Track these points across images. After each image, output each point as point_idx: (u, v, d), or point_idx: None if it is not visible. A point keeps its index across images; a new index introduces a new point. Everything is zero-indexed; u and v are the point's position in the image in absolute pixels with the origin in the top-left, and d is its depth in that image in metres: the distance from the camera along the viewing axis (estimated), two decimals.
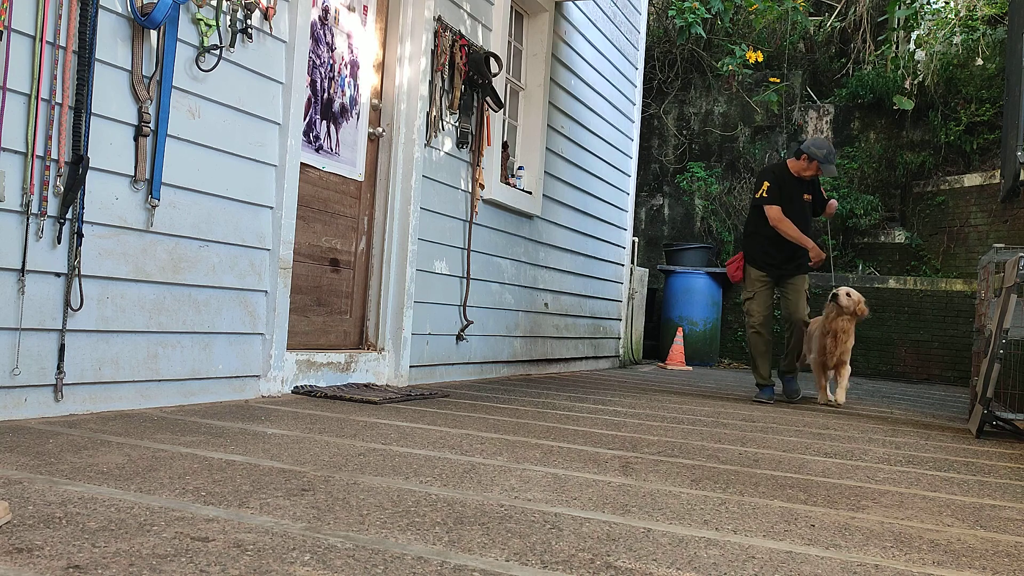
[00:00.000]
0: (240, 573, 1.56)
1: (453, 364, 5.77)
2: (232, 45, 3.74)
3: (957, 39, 10.91)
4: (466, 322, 5.76)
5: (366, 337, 5.06)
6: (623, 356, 9.21)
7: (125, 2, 3.27)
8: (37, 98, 2.94)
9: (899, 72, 11.13)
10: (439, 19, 5.22)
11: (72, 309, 3.13)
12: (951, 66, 10.90)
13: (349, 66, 4.81)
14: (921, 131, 11.14)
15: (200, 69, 3.61)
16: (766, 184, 5.94)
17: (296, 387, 4.30)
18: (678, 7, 11.44)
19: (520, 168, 6.60)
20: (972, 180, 10.26)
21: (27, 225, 2.96)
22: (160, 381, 3.55)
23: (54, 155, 3.02)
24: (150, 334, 3.48)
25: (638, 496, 2.49)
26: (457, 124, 5.53)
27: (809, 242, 5.89)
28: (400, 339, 5.05)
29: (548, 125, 6.94)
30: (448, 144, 5.45)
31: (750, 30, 12.20)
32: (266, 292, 4.05)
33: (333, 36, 4.66)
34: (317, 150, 4.57)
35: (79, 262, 3.13)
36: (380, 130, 5.06)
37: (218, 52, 3.65)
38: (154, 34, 3.38)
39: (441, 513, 2.11)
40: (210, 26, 3.61)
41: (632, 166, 9.22)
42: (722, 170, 11.73)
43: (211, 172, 3.70)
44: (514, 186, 6.42)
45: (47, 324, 3.06)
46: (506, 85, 6.34)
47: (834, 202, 6.25)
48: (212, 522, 1.88)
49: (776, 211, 5.88)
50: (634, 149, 9.25)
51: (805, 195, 6.02)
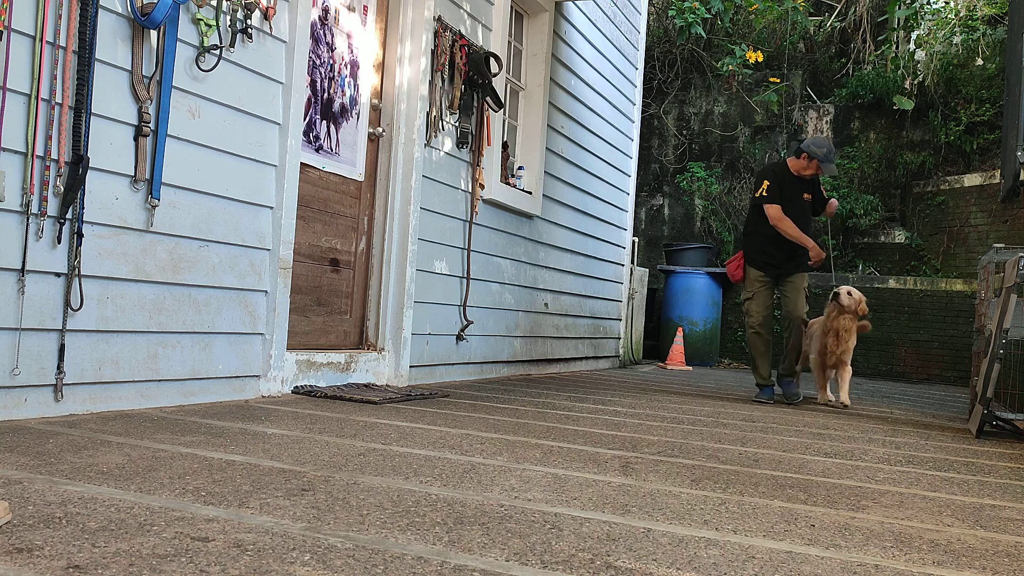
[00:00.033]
0: (240, 573, 1.56)
1: (453, 364, 5.77)
2: (232, 45, 3.74)
3: (957, 39, 10.91)
4: (466, 322, 5.76)
5: (366, 337, 5.07)
6: (623, 356, 9.21)
7: (125, 2, 3.27)
8: (37, 98, 2.94)
9: (899, 72, 11.13)
10: (439, 19, 5.22)
11: (72, 309, 3.13)
12: (951, 66, 10.90)
13: (349, 66, 4.81)
14: (921, 131, 11.14)
15: (200, 69, 3.61)
16: (766, 183, 5.91)
17: (296, 387, 4.30)
18: (678, 7, 11.44)
19: (520, 168, 6.60)
20: (972, 180, 10.27)
21: (27, 225, 2.96)
22: (160, 381, 3.55)
23: (54, 155, 3.02)
24: (150, 334, 3.48)
25: (638, 496, 2.49)
26: (457, 124, 5.53)
27: (809, 241, 5.86)
28: (400, 339, 5.05)
29: (548, 125, 6.94)
30: (448, 144, 5.45)
31: (750, 30, 12.20)
32: (266, 292, 4.06)
33: (333, 36, 4.66)
34: (317, 150, 4.57)
35: (79, 262, 3.13)
36: (380, 130, 5.06)
37: (218, 52, 3.65)
38: (154, 34, 3.38)
39: (441, 513, 2.11)
40: (210, 26, 3.62)
41: (632, 166, 9.22)
42: (722, 170, 11.73)
43: (211, 172, 3.70)
44: (514, 186, 6.43)
45: (47, 324, 3.06)
46: (506, 85, 6.34)
47: (834, 201, 6.21)
48: (212, 522, 1.88)
49: (776, 210, 5.86)
50: (634, 149, 9.26)
51: (805, 194, 5.99)
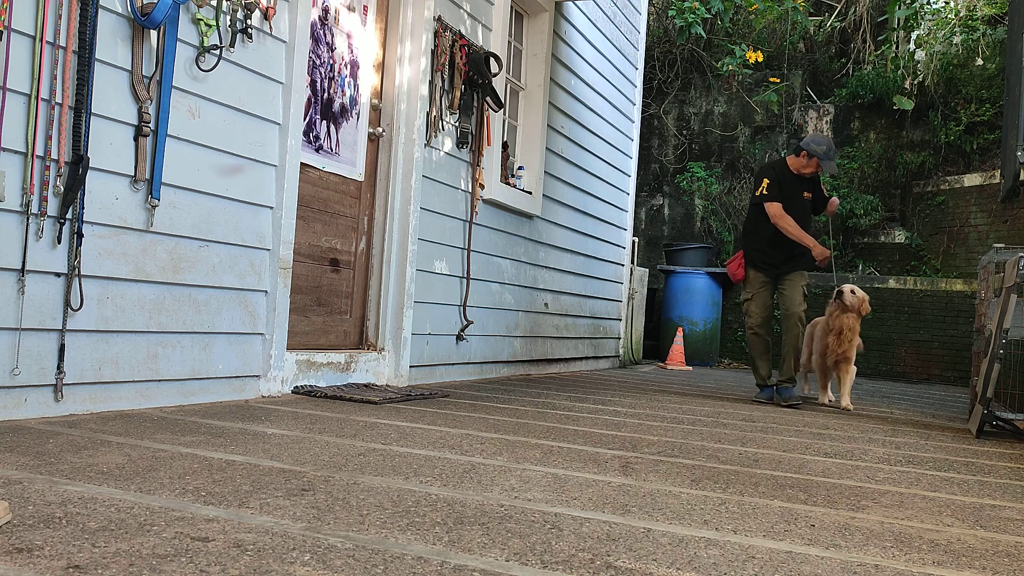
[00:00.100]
0: (240, 573, 1.56)
1: (453, 364, 5.77)
2: (232, 45, 3.74)
3: (957, 39, 10.91)
4: (466, 322, 5.76)
5: (366, 337, 5.07)
6: (623, 356, 9.21)
7: (125, 2, 3.27)
8: (37, 98, 2.94)
9: (899, 72, 11.13)
10: (439, 19, 5.22)
11: (72, 309, 3.13)
12: (951, 66, 10.90)
13: (349, 66, 4.81)
14: (921, 131, 11.14)
15: (200, 69, 3.61)
16: (766, 181, 5.86)
17: (296, 387, 4.30)
18: (678, 7, 11.44)
19: (520, 168, 6.60)
20: (972, 180, 10.27)
21: (27, 225, 2.96)
22: (160, 381, 3.55)
23: (54, 155, 3.02)
24: (150, 334, 3.48)
25: (638, 496, 2.49)
26: (457, 124, 5.53)
27: (810, 240, 5.80)
28: (400, 339, 5.05)
29: (548, 125, 6.94)
30: (448, 144, 5.45)
31: (750, 30, 12.20)
32: (266, 292, 4.05)
33: (333, 36, 4.66)
34: (317, 150, 4.57)
35: (79, 262, 3.13)
36: (380, 130, 5.06)
37: (218, 52, 3.65)
38: (154, 34, 3.38)
39: (441, 513, 2.11)
40: (210, 26, 3.62)
41: (632, 166, 9.22)
42: (722, 170, 11.73)
43: (211, 172, 3.70)
44: (514, 186, 6.42)
45: (47, 324, 3.06)
46: (506, 85, 6.34)
47: (835, 200, 6.14)
48: (212, 522, 1.88)
49: (777, 207, 5.79)
50: (634, 149, 9.26)
51: (805, 193, 5.93)
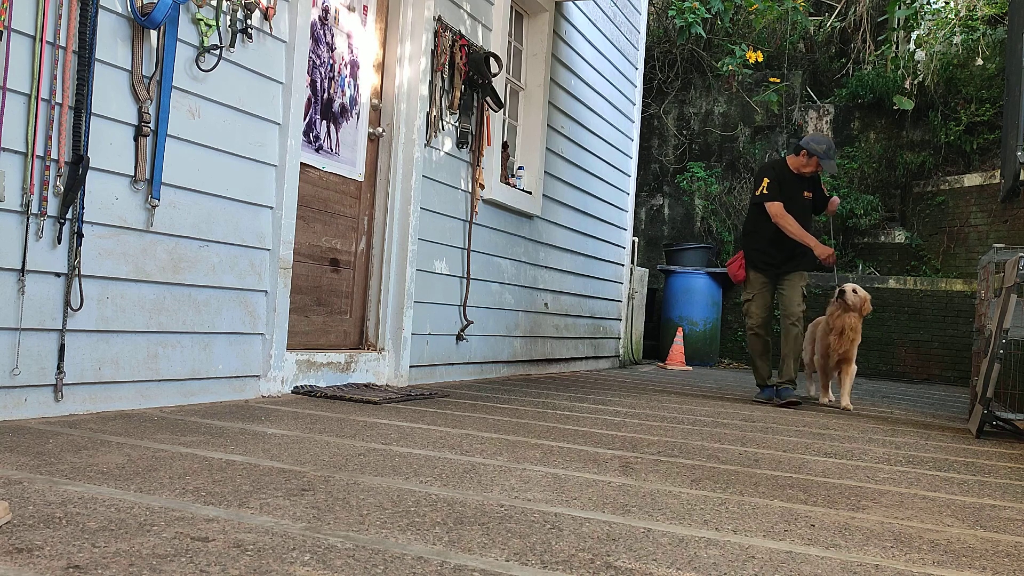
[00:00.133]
0: (240, 573, 1.56)
1: (453, 364, 5.77)
2: (232, 45, 3.74)
3: (957, 39, 10.91)
4: (466, 322, 5.76)
5: (366, 337, 5.07)
6: (623, 356, 9.21)
7: (125, 2, 3.27)
8: (37, 98, 2.94)
9: (899, 72, 11.13)
10: (439, 19, 5.22)
11: (72, 309, 3.13)
12: (951, 66, 10.90)
13: (349, 66, 4.81)
14: (921, 131, 11.14)
15: (200, 69, 3.61)
16: (766, 181, 5.81)
17: (296, 387, 4.30)
18: (678, 7, 11.44)
19: (520, 168, 6.60)
20: (972, 180, 10.27)
21: (27, 225, 2.96)
22: (160, 381, 3.55)
23: (54, 155, 3.02)
24: (150, 334, 3.48)
25: (638, 496, 2.49)
26: (457, 124, 5.53)
27: (812, 239, 5.75)
28: (400, 339, 5.05)
29: (548, 125, 6.94)
30: (448, 144, 5.45)
31: (750, 30, 12.20)
32: (266, 292, 4.06)
33: (333, 36, 4.66)
34: (317, 150, 4.57)
35: (79, 262, 3.13)
36: (380, 130, 5.06)
37: (218, 52, 3.65)
38: (154, 34, 3.38)
39: (441, 513, 2.11)
40: (210, 26, 3.62)
41: (632, 166, 9.22)
42: (722, 170, 11.73)
43: (211, 172, 3.70)
44: (514, 186, 6.43)
45: (47, 324, 3.06)
46: (506, 85, 6.34)
47: (836, 199, 6.09)
48: (212, 522, 1.88)
49: (778, 207, 5.75)
50: (634, 149, 9.26)
51: (805, 192, 5.89)
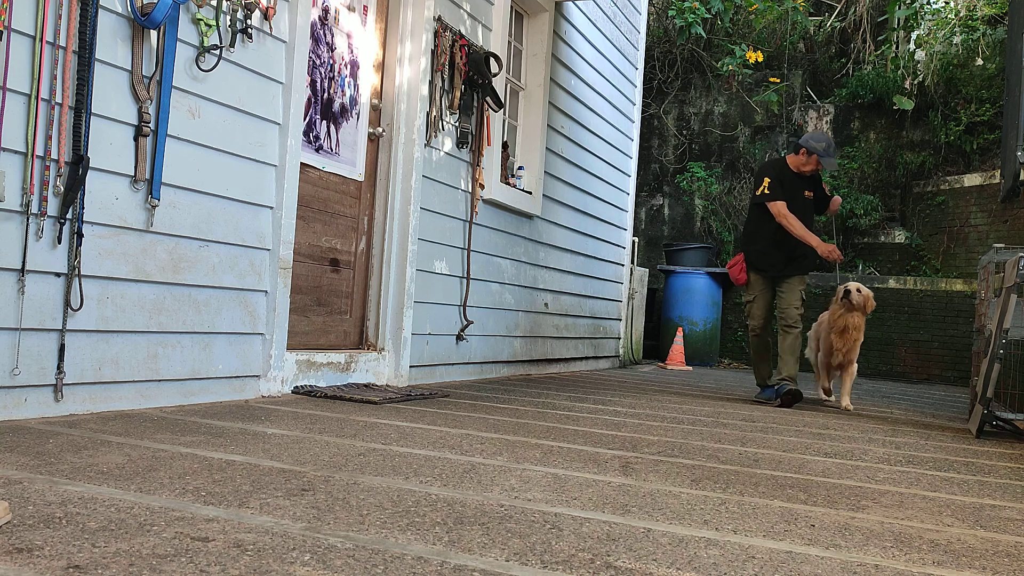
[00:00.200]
0: (240, 573, 1.56)
1: (453, 364, 5.77)
2: (232, 45, 3.74)
3: (957, 39, 10.91)
4: (466, 322, 5.76)
5: (366, 337, 5.07)
6: (623, 356, 9.21)
7: (125, 2, 3.27)
8: (37, 98, 2.94)
9: (899, 72, 11.13)
10: (439, 19, 5.22)
11: (72, 309, 3.13)
12: (951, 66, 10.90)
13: (349, 66, 4.81)
14: (921, 131, 11.14)
15: (200, 69, 3.61)
16: (767, 180, 5.76)
17: (296, 387, 4.30)
18: (678, 7, 11.44)
19: (520, 168, 6.60)
20: (972, 180, 10.27)
21: (27, 225, 2.96)
22: (160, 381, 3.55)
23: (54, 155, 3.02)
24: (150, 334, 3.48)
25: (638, 496, 2.49)
26: (457, 124, 5.53)
27: (814, 239, 5.68)
28: (400, 339, 5.05)
29: (548, 125, 6.94)
30: (448, 144, 5.45)
31: (750, 30, 12.20)
32: (266, 292, 4.06)
33: (333, 36, 4.66)
34: (317, 150, 4.57)
35: (79, 262, 3.13)
36: (380, 130, 5.06)
37: (218, 52, 3.65)
38: (154, 34, 3.38)
39: (441, 513, 2.11)
40: (210, 26, 3.62)
41: (632, 166, 9.22)
42: (722, 170, 11.74)
43: (211, 172, 3.70)
44: (514, 186, 6.43)
45: (47, 324, 3.06)
46: (506, 85, 6.34)
47: (838, 199, 6.05)
48: (212, 522, 1.88)
49: (781, 206, 5.69)
50: (634, 149, 9.26)
51: (806, 192, 5.85)
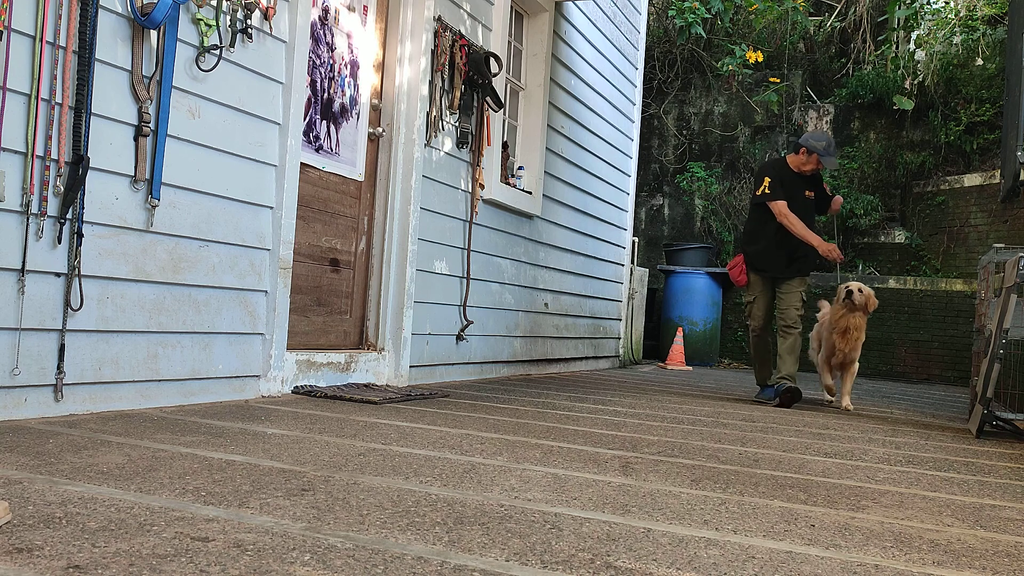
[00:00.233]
0: (240, 573, 1.56)
1: (453, 364, 5.77)
2: (232, 45, 3.74)
3: (957, 39, 10.92)
4: (466, 322, 5.76)
5: (366, 337, 5.07)
6: (623, 356, 9.21)
7: (125, 2, 3.27)
8: (37, 98, 2.94)
9: (899, 72, 11.13)
10: (439, 19, 5.22)
11: (72, 309, 3.13)
12: (951, 66, 10.90)
13: (349, 66, 4.81)
14: (921, 131, 11.14)
15: (200, 69, 3.61)
16: (767, 180, 5.72)
17: (296, 387, 4.30)
18: (678, 7, 11.44)
19: (520, 168, 6.60)
20: (972, 180, 10.27)
21: (27, 225, 2.96)
22: (160, 381, 3.55)
23: (54, 155, 3.02)
24: (150, 334, 3.48)
25: (638, 496, 2.49)
26: (457, 124, 5.53)
27: (815, 238, 5.63)
28: (400, 339, 5.05)
29: (548, 125, 6.94)
30: (448, 144, 5.45)
31: (750, 30, 12.20)
32: (266, 292, 4.06)
33: (333, 36, 4.66)
34: (317, 150, 4.57)
35: (79, 262, 3.13)
36: (380, 130, 5.06)
37: (218, 52, 3.65)
38: (154, 34, 3.38)
39: (441, 513, 2.11)
40: (210, 26, 3.62)
41: (632, 166, 9.22)
42: (722, 170, 11.74)
43: (211, 172, 3.70)
44: (514, 186, 6.43)
45: (47, 324, 3.06)
46: (506, 85, 6.34)
47: (839, 198, 6.00)
48: (212, 522, 1.88)
49: (782, 205, 5.65)
50: (634, 149, 9.26)
51: (807, 191, 5.80)
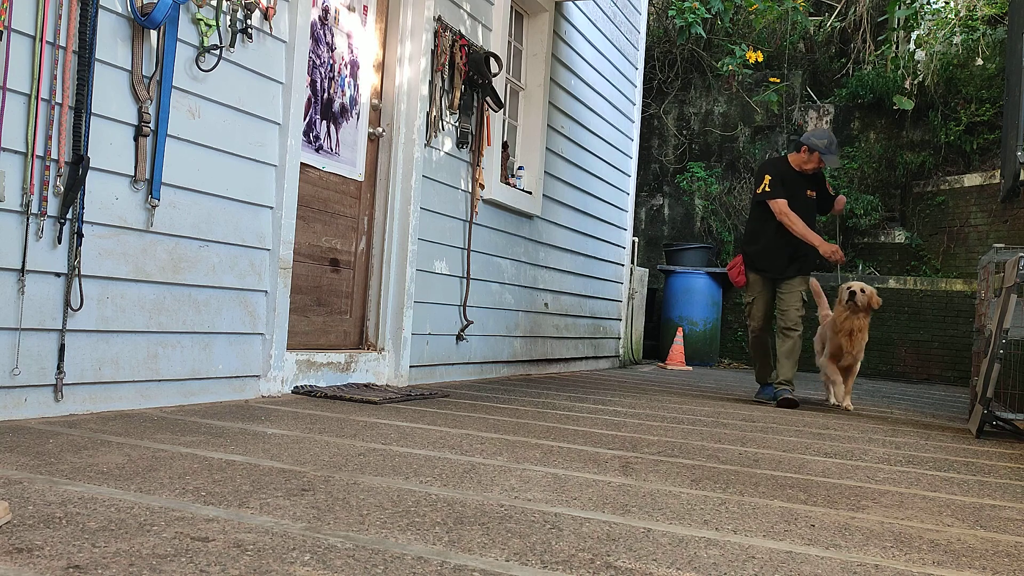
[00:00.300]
0: (240, 573, 1.56)
1: (453, 364, 5.77)
2: (232, 45, 3.74)
3: (957, 39, 10.92)
4: (466, 322, 5.76)
5: (366, 337, 5.07)
6: (623, 356, 9.21)
7: (125, 2, 3.27)
8: (37, 98, 2.94)
9: (899, 72, 11.13)
10: (439, 19, 5.22)
11: (72, 309, 3.13)
12: (951, 66, 10.90)
13: (349, 66, 4.81)
14: (921, 131, 11.15)
15: (200, 69, 3.61)
16: (767, 178, 5.66)
17: (296, 387, 4.30)
18: (678, 7, 11.44)
19: (520, 168, 6.60)
20: (972, 180, 10.27)
21: (27, 225, 2.96)
22: (160, 381, 3.55)
23: (54, 155, 3.02)
24: (150, 334, 3.48)
25: (638, 496, 2.49)
26: (457, 124, 5.53)
27: (816, 238, 5.58)
28: (400, 339, 5.05)
29: (548, 125, 6.94)
30: (448, 144, 5.45)
31: (750, 30, 12.20)
32: (266, 292, 4.05)
33: (333, 36, 4.66)
34: (317, 150, 4.57)
35: (79, 262, 3.13)
36: (380, 130, 5.06)
37: (218, 52, 3.65)
38: (154, 34, 3.38)
39: (441, 513, 2.11)
40: (210, 26, 3.62)
41: (632, 166, 9.22)
42: (722, 170, 11.74)
43: (211, 172, 3.70)
44: (514, 186, 6.43)
45: (47, 324, 3.06)
46: (506, 85, 6.34)
47: (842, 198, 5.93)
48: (212, 522, 1.88)
49: (782, 204, 5.59)
50: (634, 149, 9.26)
51: (808, 191, 5.74)
